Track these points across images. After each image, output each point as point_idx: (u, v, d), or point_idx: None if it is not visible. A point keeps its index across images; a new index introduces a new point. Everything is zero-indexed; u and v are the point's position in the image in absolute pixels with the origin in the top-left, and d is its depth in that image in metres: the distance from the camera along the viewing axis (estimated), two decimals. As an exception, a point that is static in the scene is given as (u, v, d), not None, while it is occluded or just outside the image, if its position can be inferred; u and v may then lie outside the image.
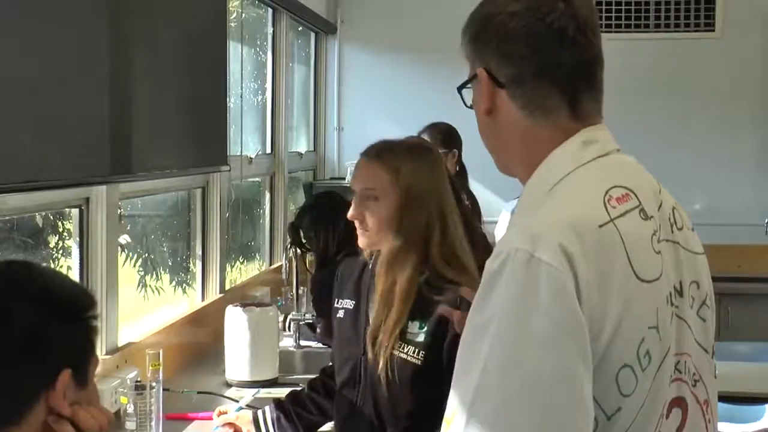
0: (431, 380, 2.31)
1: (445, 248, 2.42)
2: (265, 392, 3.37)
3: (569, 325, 1.29)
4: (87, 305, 1.46)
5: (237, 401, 3.21)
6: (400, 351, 2.41)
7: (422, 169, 2.46)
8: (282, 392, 2.99)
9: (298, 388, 2.92)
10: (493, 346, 1.30)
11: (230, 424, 2.94)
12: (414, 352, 2.40)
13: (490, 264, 1.35)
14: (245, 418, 2.90)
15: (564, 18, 1.45)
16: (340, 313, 2.62)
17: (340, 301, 2.64)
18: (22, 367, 1.36)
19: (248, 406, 3.04)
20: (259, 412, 2.85)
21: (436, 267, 2.41)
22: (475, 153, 3.83)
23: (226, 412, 3.00)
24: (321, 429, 2.87)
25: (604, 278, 1.33)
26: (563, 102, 1.47)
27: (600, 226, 1.36)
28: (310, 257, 4.33)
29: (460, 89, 1.55)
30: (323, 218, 4.01)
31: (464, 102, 1.54)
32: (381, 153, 2.47)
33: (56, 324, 1.40)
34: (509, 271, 1.32)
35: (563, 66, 1.46)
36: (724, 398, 4.21)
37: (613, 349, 1.32)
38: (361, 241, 2.50)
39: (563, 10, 1.45)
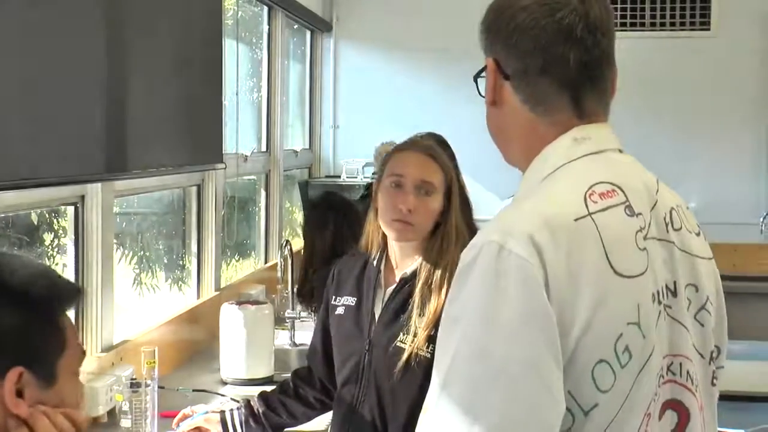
0: None
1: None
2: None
3: (537, 317, 1.30)
4: (53, 299, 1.40)
5: (237, 400, 3.20)
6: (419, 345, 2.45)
7: (455, 171, 2.65)
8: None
9: (269, 389, 2.90)
10: (463, 335, 1.31)
11: (196, 428, 2.82)
12: (426, 347, 2.43)
13: (465, 255, 1.37)
14: (213, 420, 2.82)
15: (574, 15, 1.46)
16: (340, 310, 2.63)
17: (339, 298, 2.64)
18: None
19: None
20: (227, 413, 2.80)
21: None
22: (471, 150, 3.85)
23: (190, 415, 2.88)
24: (316, 426, 2.88)
25: (576, 271, 1.33)
26: (565, 99, 1.48)
27: (575, 219, 1.37)
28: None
29: (476, 78, 1.56)
30: (324, 218, 4.12)
31: (479, 91, 1.56)
32: (435, 151, 2.56)
33: (8, 318, 1.35)
34: (480, 262, 1.33)
35: (567, 63, 1.46)
36: (721, 397, 4.23)
37: (586, 342, 1.32)
38: (402, 233, 2.51)
39: (574, 7, 1.46)
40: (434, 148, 2.58)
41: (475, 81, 1.56)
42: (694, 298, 1.51)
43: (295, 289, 4.30)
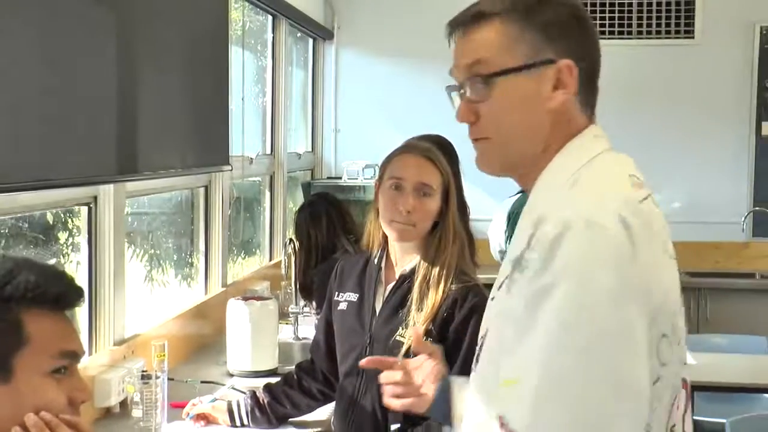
0: None
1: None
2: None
3: (629, 288, 1.29)
4: (6, 290, 1.34)
5: (239, 389, 3.21)
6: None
7: (453, 173, 2.62)
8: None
9: (274, 381, 2.92)
10: (559, 307, 1.28)
11: (203, 415, 2.88)
12: (424, 340, 2.42)
13: (546, 232, 1.31)
14: (220, 408, 2.86)
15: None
16: (342, 306, 2.62)
17: (341, 294, 2.64)
18: None
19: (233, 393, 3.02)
20: (234, 403, 2.83)
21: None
22: (468, 153, 3.85)
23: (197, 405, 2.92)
24: (319, 417, 2.88)
25: (654, 249, 1.34)
26: (594, 98, 1.49)
27: (640, 201, 1.38)
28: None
29: (506, 72, 1.43)
30: (317, 214, 4.16)
31: (479, 92, 1.45)
32: (433, 154, 2.55)
33: None
34: (571, 237, 1.29)
35: (598, 62, 1.49)
36: (704, 388, 4.25)
37: (658, 317, 1.32)
38: (402, 234, 2.50)
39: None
40: (432, 150, 2.57)
41: (492, 79, 1.43)
42: None
43: (297, 285, 4.31)
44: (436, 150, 2.59)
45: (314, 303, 4.24)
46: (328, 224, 4.21)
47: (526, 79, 1.43)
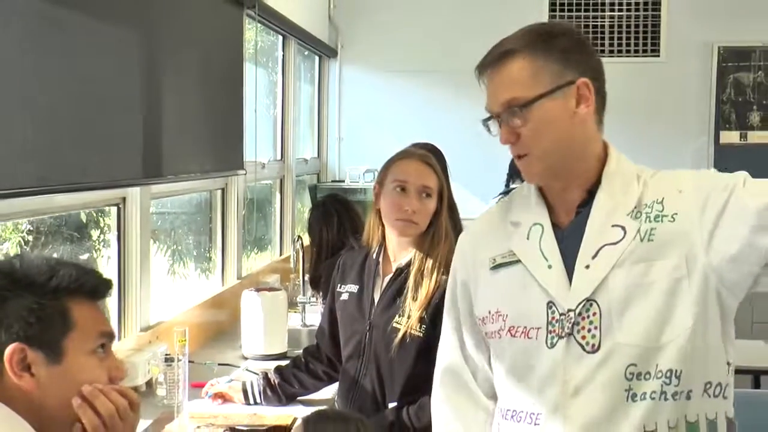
0: (426, 350, 2.33)
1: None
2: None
3: None
4: (52, 282, 1.35)
5: (252, 371, 3.21)
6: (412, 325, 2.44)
7: (446, 176, 2.68)
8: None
9: (283, 363, 2.92)
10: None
11: (220, 394, 2.89)
12: (418, 327, 2.42)
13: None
14: (236, 388, 2.87)
15: None
16: (344, 296, 2.62)
17: (343, 286, 2.64)
18: None
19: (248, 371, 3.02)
20: (248, 383, 2.84)
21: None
22: (458, 158, 3.86)
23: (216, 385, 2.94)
24: (324, 396, 2.89)
25: None
26: (604, 109, 1.63)
27: None
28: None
29: (538, 99, 1.56)
30: (329, 213, 4.16)
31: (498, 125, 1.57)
32: (431, 159, 2.56)
33: (15, 302, 1.32)
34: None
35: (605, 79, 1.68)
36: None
37: None
38: (405, 231, 2.51)
39: None
40: (429, 157, 2.57)
41: (527, 107, 1.51)
42: None
43: (306, 277, 4.30)
44: (432, 156, 2.59)
45: (322, 293, 4.24)
46: (338, 223, 4.18)
47: (554, 101, 1.51)
